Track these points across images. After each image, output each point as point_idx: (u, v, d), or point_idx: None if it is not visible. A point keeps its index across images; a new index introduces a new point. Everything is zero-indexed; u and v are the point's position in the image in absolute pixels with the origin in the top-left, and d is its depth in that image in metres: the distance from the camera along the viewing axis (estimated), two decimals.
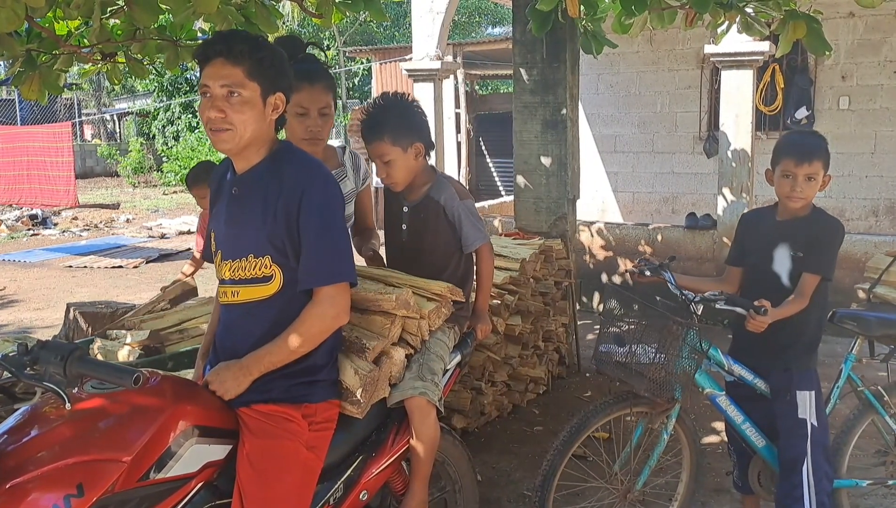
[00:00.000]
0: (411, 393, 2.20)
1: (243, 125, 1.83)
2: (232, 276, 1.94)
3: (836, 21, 7.21)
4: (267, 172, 1.91)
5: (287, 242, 1.88)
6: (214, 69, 1.81)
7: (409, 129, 2.47)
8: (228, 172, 2.02)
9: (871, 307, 2.93)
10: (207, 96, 1.82)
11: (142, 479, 1.69)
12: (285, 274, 1.91)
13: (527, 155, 4.95)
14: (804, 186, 2.51)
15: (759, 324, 2.42)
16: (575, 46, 4.82)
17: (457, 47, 11.13)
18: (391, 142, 2.43)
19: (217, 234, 2.02)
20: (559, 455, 2.62)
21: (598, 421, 2.66)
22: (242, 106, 1.81)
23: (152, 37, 3.84)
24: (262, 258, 1.90)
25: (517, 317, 4.22)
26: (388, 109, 2.47)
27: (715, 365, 2.68)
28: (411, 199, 2.56)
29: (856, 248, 5.32)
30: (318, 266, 1.90)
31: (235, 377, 1.90)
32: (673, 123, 8.32)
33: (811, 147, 2.53)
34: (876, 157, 7.46)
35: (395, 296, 2.18)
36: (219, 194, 2.04)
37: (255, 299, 1.93)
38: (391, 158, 2.45)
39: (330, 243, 1.90)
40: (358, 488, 2.17)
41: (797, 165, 2.50)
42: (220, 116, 1.81)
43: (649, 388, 2.54)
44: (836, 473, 2.80)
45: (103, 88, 26.56)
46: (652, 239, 6.42)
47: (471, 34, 24.23)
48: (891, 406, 2.80)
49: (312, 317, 1.91)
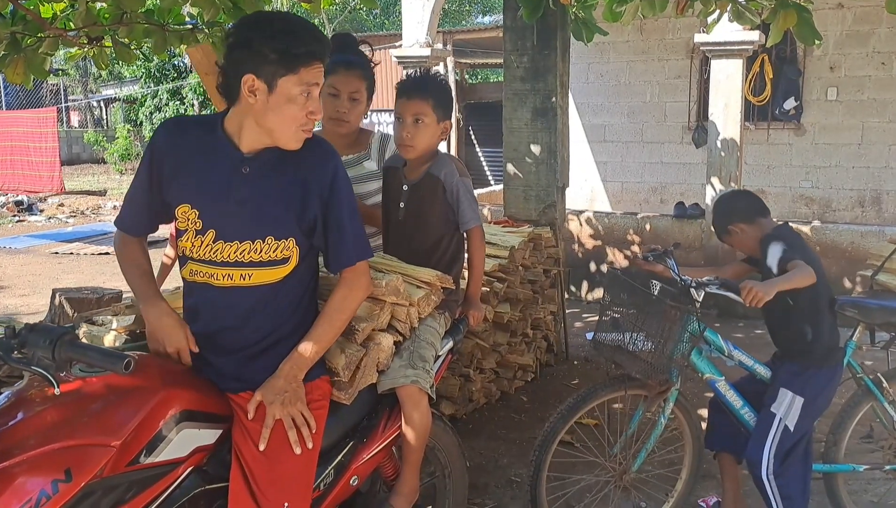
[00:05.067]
0: (403, 381, 2.19)
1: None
2: (239, 258, 1.85)
3: (825, 12, 7.24)
4: (283, 152, 1.85)
5: (320, 222, 1.89)
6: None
7: (448, 105, 2.53)
8: (214, 146, 1.86)
9: (873, 295, 2.96)
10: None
11: (131, 464, 1.67)
12: (301, 255, 1.91)
13: (516, 143, 4.95)
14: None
15: (756, 298, 2.42)
16: (566, 34, 4.81)
17: (447, 35, 11.08)
18: (432, 106, 2.47)
19: (207, 212, 1.85)
20: (552, 434, 2.66)
21: (591, 403, 2.69)
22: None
23: (139, 21, 3.80)
24: (284, 240, 1.86)
25: (506, 305, 4.23)
26: (434, 80, 2.55)
27: (715, 350, 2.72)
28: (412, 177, 2.55)
29: (842, 238, 5.37)
30: (355, 244, 1.94)
31: (290, 387, 1.86)
32: (662, 112, 8.34)
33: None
34: (863, 147, 7.52)
35: (385, 282, 2.17)
36: (185, 164, 1.85)
37: (267, 282, 1.88)
38: (426, 121, 2.47)
39: (359, 222, 1.96)
40: (348, 473, 2.16)
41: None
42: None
43: (645, 371, 2.58)
44: (832, 458, 2.85)
45: (90, 74, 26.30)
46: (640, 228, 6.45)
47: (461, 22, 24.13)
48: (890, 393, 2.84)
49: (352, 292, 1.96)
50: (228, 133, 1.86)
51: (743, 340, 5.28)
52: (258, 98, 1.77)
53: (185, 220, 1.87)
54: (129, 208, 1.99)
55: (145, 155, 1.93)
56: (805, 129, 7.72)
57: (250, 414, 1.84)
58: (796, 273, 2.50)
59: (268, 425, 1.83)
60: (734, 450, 2.80)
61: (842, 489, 2.90)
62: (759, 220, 2.72)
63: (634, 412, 2.77)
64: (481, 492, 3.29)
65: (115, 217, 2.09)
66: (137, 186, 1.94)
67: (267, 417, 1.83)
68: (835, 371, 2.70)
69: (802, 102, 7.65)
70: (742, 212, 2.75)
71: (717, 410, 2.85)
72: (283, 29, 1.75)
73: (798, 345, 2.66)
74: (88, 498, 1.60)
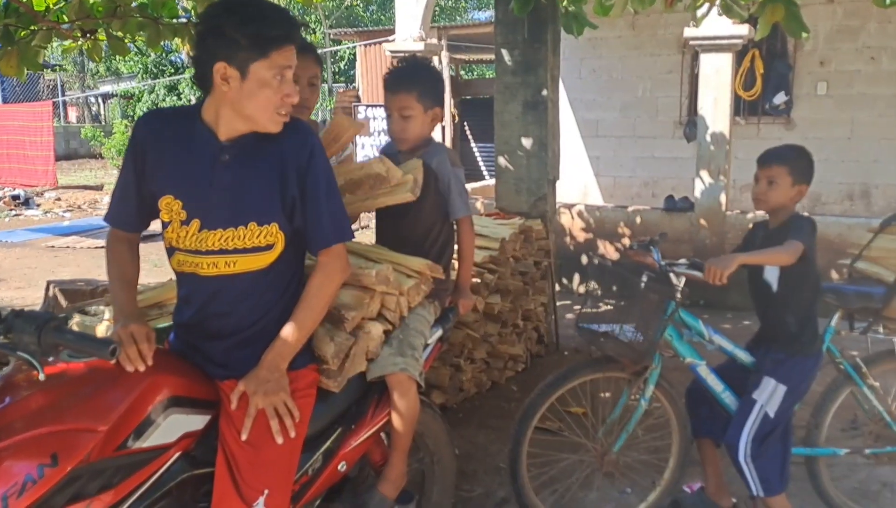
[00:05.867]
0: (392, 369, 2.21)
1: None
2: (223, 246, 1.86)
3: (816, 7, 7.28)
4: (260, 138, 1.86)
5: (298, 204, 1.88)
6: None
7: (435, 93, 2.52)
8: (193, 136, 1.86)
9: (851, 281, 3.01)
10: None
11: (119, 449, 1.68)
12: (287, 240, 1.91)
13: (508, 136, 4.98)
14: (765, 189, 2.66)
15: (716, 275, 2.46)
16: (556, 27, 4.84)
17: (441, 31, 11.10)
18: (417, 98, 2.46)
19: (190, 202, 1.86)
20: (532, 409, 2.73)
21: (571, 382, 2.74)
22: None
23: (133, 14, 3.83)
24: (267, 226, 1.87)
25: (496, 296, 4.27)
26: (420, 69, 2.53)
27: (696, 335, 2.77)
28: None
29: (829, 230, 5.42)
30: (332, 225, 1.92)
31: (273, 377, 1.86)
32: (654, 107, 8.38)
33: (774, 153, 2.69)
34: (852, 142, 7.57)
35: (375, 272, 2.19)
36: (166, 155, 1.86)
37: (253, 269, 1.89)
38: (412, 114, 2.47)
39: (338, 201, 1.95)
40: (336, 459, 2.19)
41: (759, 168, 2.70)
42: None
43: (628, 355, 2.63)
44: (813, 442, 2.90)
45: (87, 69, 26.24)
46: (631, 221, 6.49)
47: (456, 18, 24.13)
48: (868, 378, 2.89)
49: (329, 276, 1.94)
50: (206, 122, 1.86)
51: (731, 330, 5.33)
52: (231, 85, 1.77)
53: (169, 211, 1.88)
54: (116, 203, 1.98)
55: (128, 149, 1.93)
56: (795, 123, 7.76)
57: (233, 404, 1.85)
58: (770, 251, 2.57)
59: (250, 415, 1.83)
60: (714, 435, 2.85)
61: (823, 473, 2.95)
62: (803, 189, 2.68)
63: (620, 397, 2.83)
64: (470, 479, 3.34)
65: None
66: (123, 180, 1.95)
67: (249, 407, 1.84)
68: (818, 359, 2.75)
69: (792, 97, 7.70)
70: (805, 172, 2.67)
71: (695, 397, 2.91)
72: (253, 14, 1.74)
73: (784, 333, 2.71)
74: (75, 483, 1.61)
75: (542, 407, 2.75)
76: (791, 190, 2.64)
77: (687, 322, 2.75)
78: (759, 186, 2.68)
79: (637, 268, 2.76)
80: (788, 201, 2.66)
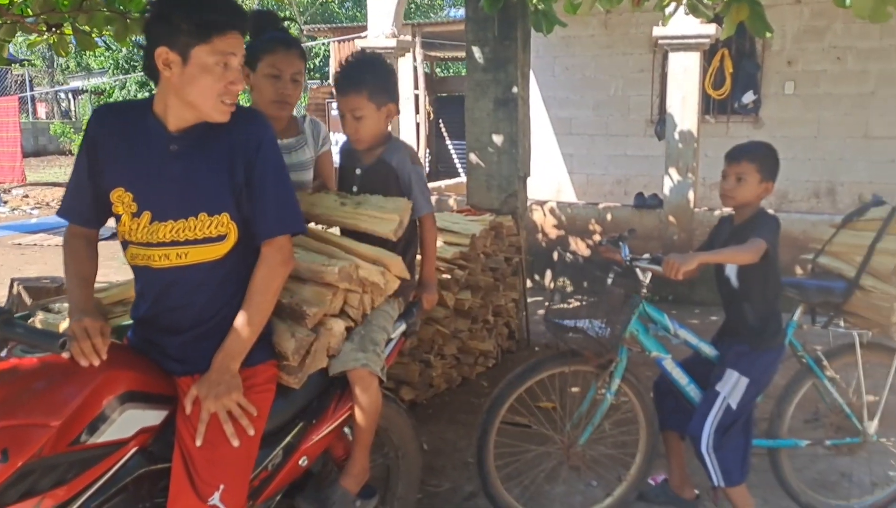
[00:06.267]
0: (353, 365, 2.20)
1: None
2: (175, 237, 1.86)
3: (783, 7, 7.38)
4: (211, 128, 1.85)
5: (245, 193, 1.87)
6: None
7: (386, 88, 2.48)
8: (144, 128, 1.86)
9: (814, 277, 3.05)
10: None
11: (72, 444, 1.67)
12: (240, 231, 1.90)
13: (479, 132, 5.00)
14: (733, 186, 2.68)
15: (674, 269, 2.50)
16: (526, 25, 4.87)
17: (416, 28, 11.09)
18: (367, 97, 2.43)
19: (140, 194, 1.86)
20: (499, 400, 2.75)
21: (537, 375, 2.77)
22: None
23: (99, 8, 3.77)
24: (218, 216, 1.86)
25: (467, 292, 4.29)
26: (368, 65, 2.48)
27: (661, 329, 2.80)
28: (365, 161, 2.56)
29: (794, 226, 5.50)
30: (278, 215, 1.90)
31: (223, 379, 1.84)
32: (626, 106, 8.45)
33: (742, 149, 2.72)
34: (818, 140, 7.70)
35: (338, 269, 2.16)
36: (117, 148, 1.86)
37: (205, 260, 1.88)
38: (364, 114, 2.44)
39: (287, 192, 1.93)
40: (297, 454, 2.18)
41: (727, 164, 2.72)
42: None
43: (596, 349, 2.66)
44: (776, 433, 2.95)
45: (57, 64, 25.83)
46: (602, 218, 6.55)
47: (431, 16, 24.11)
48: (829, 370, 2.94)
49: (272, 270, 1.91)
50: (157, 114, 1.86)
51: (698, 326, 5.40)
52: (173, 71, 1.76)
53: (120, 204, 1.87)
54: (70, 197, 1.97)
55: (81, 144, 1.92)
56: (763, 122, 7.87)
57: (187, 409, 1.84)
58: (732, 250, 2.60)
59: (203, 419, 1.82)
60: (679, 428, 2.89)
61: (785, 464, 3.00)
62: (769, 186, 2.72)
63: (588, 391, 2.86)
64: (438, 474, 3.35)
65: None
66: (77, 175, 1.93)
67: (202, 412, 1.82)
68: (780, 353, 2.80)
69: (761, 96, 7.80)
70: (772, 169, 2.71)
71: (660, 390, 2.94)
72: (197, 1, 1.74)
73: (747, 327, 2.75)
74: (27, 478, 1.60)
75: (509, 399, 2.77)
76: (758, 187, 2.68)
77: (652, 317, 2.78)
78: (728, 183, 2.70)
79: (605, 264, 2.78)
80: (755, 197, 2.70)
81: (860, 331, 2.93)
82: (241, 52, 1.82)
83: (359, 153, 2.56)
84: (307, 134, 2.80)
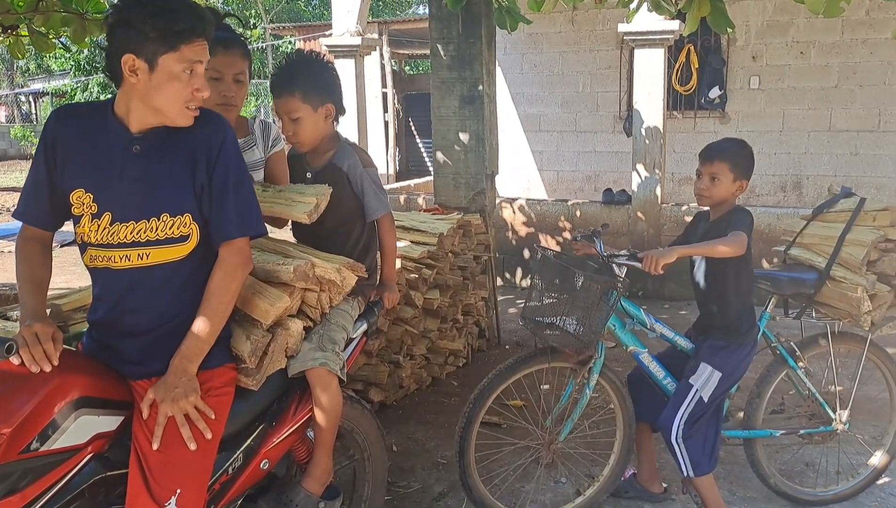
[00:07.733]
0: (311, 364, 2.18)
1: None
2: (136, 238, 1.84)
3: (747, 3, 7.47)
4: (172, 129, 1.85)
5: (206, 194, 1.87)
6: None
7: (322, 88, 2.44)
8: (105, 129, 1.85)
9: (785, 268, 3.08)
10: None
11: (24, 451, 1.64)
12: (202, 232, 1.89)
13: (445, 131, 4.98)
14: (708, 185, 2.69)
15: (653, 263, 2.51)
16: (491, 22, 4.86)
17: (382, 25, 11.04)
18: (301, 98, 2.39)
19: (101, 195, 1.84)
20: (482, 397, 2.74)
21: (518, 372, 2.76)
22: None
23: (56, 9, 3.69)
24: (180, 217, 1.86)
25: (435, 291, 4.27)
26: (301, 65, 2.43)
27: (638, 324, 2.81)
28: (315, 165, 2.52)
29: (760, 220, 5.56)
30: (237, 217, 1.90)
31: (180, 382, 1.83)
32: (595, 102, 8.49)
33: (715, 148, 2.71)
34: (784, 134, 7.81)
35: (294, 267, 2.13)
36: (77, 149, 1.84)
37: (167, 261, 1.87)
38: (300, 116, 2.41)
39: (247, 194, 1.93)
40: (258, 457, 2.16)
41: (701, 163, 2.72)
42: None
43: (573, 345, 2.65)
44: (751, 424, 2.97)
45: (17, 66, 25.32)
46: (571, 215, 6.57)
47: (398, 13, 24.04)
48: (802, 361, 2.97)
49: (230, 272, 1.90)
50: (118, 115, 1.85)
51: (668, 320, 5.43)
52: (140, 77, 1.76)
53: (80, 205, 1.85)
54: (27, 199, 1.93)
55: (39, 145, 1.89)
56: (729, 117, 7.96)
57: (144, 413, 1.82)
58: (708, 243, 2.61)
59: (159, 423, 1.80)
60: (651, 420, 2.90)
61: (761, 453, 3.03)
62: (744, 184, 2.73)
63: (566, 388, 2.86)
64: (407, 475, 3.32)
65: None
66: (34, 176, 1.90)
67: (158, 415, 1.80)
68: (753, 346, 2.82)
69: (727, 91, 7.89)
70: (746, 167, 2.71)
71: (635, 383, 2.95)
72: (163, 7, 1.73)
73: (720, 322, 2.77)
74: None
75: (492, 397, 2.76)
76: (732, 186, 2.69)
77: (629, 311, 2.79)
78: (702, 182, 2.70)
79: (579, 261, 2.77)
80: (730, 195, 2.71)
81: (831, 321, 2.97)
82: (206, 58, 1.84)
83: (306, 157, 2.52)
84: (256, 135, 2.74)
